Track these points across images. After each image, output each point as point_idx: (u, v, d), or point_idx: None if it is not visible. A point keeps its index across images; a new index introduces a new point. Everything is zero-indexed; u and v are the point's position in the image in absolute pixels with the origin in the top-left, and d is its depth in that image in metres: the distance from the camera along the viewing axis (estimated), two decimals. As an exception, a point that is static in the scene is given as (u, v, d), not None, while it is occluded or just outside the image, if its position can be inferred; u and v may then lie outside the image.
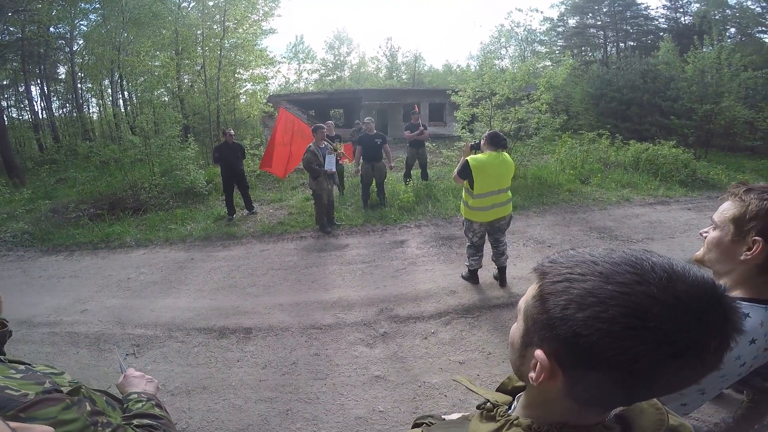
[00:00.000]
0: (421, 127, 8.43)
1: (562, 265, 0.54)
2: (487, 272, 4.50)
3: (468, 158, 3.86)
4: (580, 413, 0.57)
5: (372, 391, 2.91)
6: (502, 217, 4.07)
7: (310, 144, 6.18)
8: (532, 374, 0.55)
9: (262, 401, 2.88)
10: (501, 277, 4.38)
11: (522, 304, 0.61)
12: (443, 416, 1.11)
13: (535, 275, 0.58)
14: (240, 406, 2.84)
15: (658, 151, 9.63)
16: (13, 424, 0.62)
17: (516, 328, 0.63)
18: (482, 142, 4.04)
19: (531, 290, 0.59)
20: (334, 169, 6.32)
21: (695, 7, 23.63)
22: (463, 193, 4.13)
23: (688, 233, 5.89)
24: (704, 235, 1.16)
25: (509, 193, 4.07)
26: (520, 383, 0.78)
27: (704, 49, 13.51)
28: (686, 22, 24.07)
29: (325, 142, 6.34)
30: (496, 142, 3.90)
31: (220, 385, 3.07)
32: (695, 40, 13.77)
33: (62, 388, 0.83)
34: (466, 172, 3.84)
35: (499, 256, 4.26)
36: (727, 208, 1.09)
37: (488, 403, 0.70)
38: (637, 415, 0.59)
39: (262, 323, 3.93)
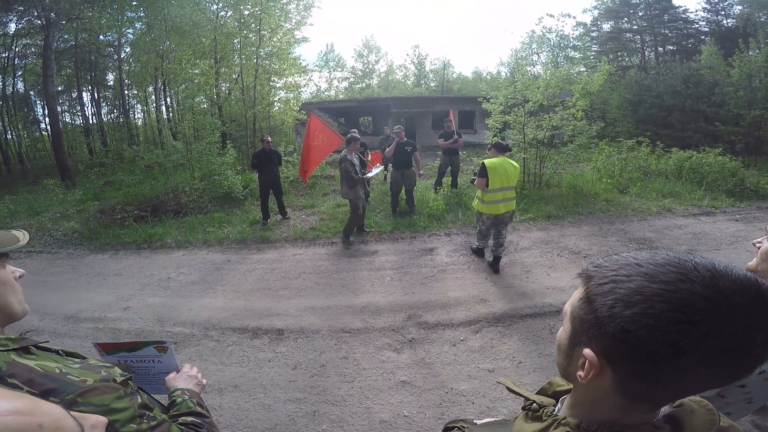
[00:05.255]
0: (456, 135, 8.40)
1: (607, 269, 0.56)
2: (508, 273, 4.43)
3: (484, 161, 4.80)
4: (629, 411, 0.58)
5: (398, 396, 2.93)
6: (508, 211, 4.92)
7: (345, 153, 6.08)
8: (581, 372, 0.57)
9: (290, 401, 2.94)
10: (494, 266, 5.04)
11: (568, 307, 0.63)
12: (475, 420, 1.12)
13: (579, 280, 0.60)
14: (269, 406, 2.92)
15: (703, 159, 9.22)
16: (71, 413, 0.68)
17: (563, 331, 0.64)
18: (490, 150, 5.08)
19: (577, 294, 0.61)
20: (370, 176, 6.40)
21: (737, 9, 22.53)
22: (478, 191, 4.98)
23: (736, 245, 5.59)
24: (757, 245, 1.14)
25: (515, 192, 4.99)
26: (562, 387, 0.79)
27: (750, 53, 12.85)
28: (729, 24, 22.97)
29: (357, 153, 6.31)
30: (501, 148, 4.96)
31: (251, 384, 3.16)
32: (740, 43, 13.14)
33: (117, 379, 0.88)
34: (483, 172, 4.74)
35: (498, 246, 5.00)
36: None
37: (534, 404, 0.71)
38: (687, 415, 0.59)
39: (293, 325, 4.02)
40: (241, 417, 2.82)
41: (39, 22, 15.44)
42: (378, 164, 6.31)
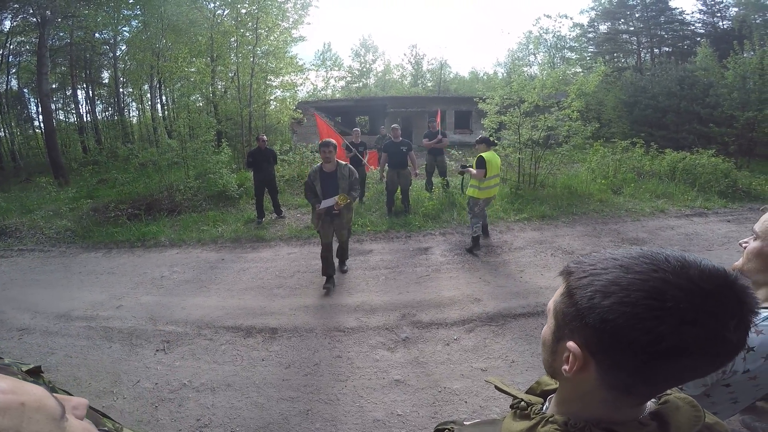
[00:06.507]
0: (440, 135, 8.40)
1: (586, 263, 0.59)
2: (502, 273, 4.44)
3: (482, 154, 5.52)
4: (615, 406, 0.59)
5: (391, 395, 2.93)
6: (495, 195, 6.05)
7: (315, 166, 4.63)
8: (566, 366, 0.58)
9: (283, 400, 2.94)
10: (485, 233, 6.27)
11: (551, 304, 0.65)
12: (465, 422, 1.12)
13: (561, 277, 0.63)
14: (262, 405, 2.91)
15: (696, 161, 9.30)
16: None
17: (547, 328, 0.66)
18: (480, 145, 5.75)
19: (559, 290, 0.63)
20: (327, 206, 4.47)
21: (733, 11, 22.75)
22: (473, 181, 5.65)
23: (727, 246, 5.64)
24: (744, 245, 1.15)
25: (499, 178, 6.09)
26: (550, 386, 0.79)
27: (745, 55, 12.97)
28: (724, 26, 23.18)
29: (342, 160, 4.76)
30: (490, 143, 5.81)
31: (244, 383, 3.15)
32: (735, 45, 13.26)
33: (23, 368, 0.88)
34: (482, 163, 5.45)
35: (485, 218, 6.21)
36: None
37: (522, 402, 0.72)
38: (672, 412, 0.60)
39: (287, 324, 4.01)
40: (234, 416, 2.81)
41: (34, 19, 15.33)
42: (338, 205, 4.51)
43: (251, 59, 12.95)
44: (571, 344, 0.57)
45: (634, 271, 0.52)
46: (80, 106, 21.00)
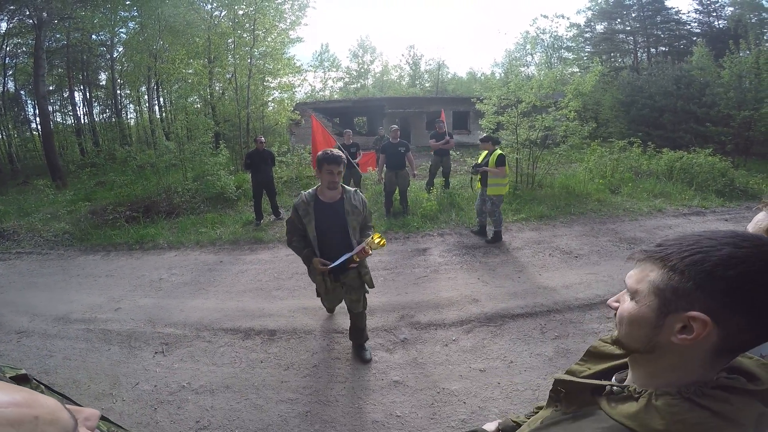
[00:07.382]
0: (447, 137, 8.42)
1: (682, 245, 0.64)
2: (500, 274, 4.45)
3: (501, 153, 5.68)
4: (711, 368, 0.64)
5: (390, 396, 2.93)
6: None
7: (306, 192, 2.97)
8: (684, 336, 0.62)
9: (282, 402, 2.94)
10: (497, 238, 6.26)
11: (642, 285, 0.68)
12: (484, 427, 1.13)
13: (646, 260, 0.68)
14: (261, 406, 2.91)
15: (693, 160, 9.34)
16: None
17: (641, 306, 0.68)
18: (487, 142, 5.98)
19: (651, 272, 0.67)
20: (337, 265, 2.95)
21: (729, 10, 22.88)
22: (496, 179, 5.71)
23: (724, 246, 5.66)
24: None
25: None
26: (585, 372, 0.82)
27: (741, 54, 13.05)
28: (720, 26, 23.32)
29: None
30: (496, 141, 6.10)
31: (243, 385, 3.15)
32: (731, 45, 13.33)
33: (7, 374, 0.89)
34: (503, 161, 5.64)
35: (485, 216, 6.32)
36: (762, 219, 1.09)
37: (613, 387, 0.73)
38: (745, 365, 0.66)
39: (286, 326, 4.01)
40: (233, 418, 2.82)
41: (31, 21, 15.31)
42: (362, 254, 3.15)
43: (249, 60, 12.97)
44: (697, 314, 0.60)
45: (744, 247, 0.60)
46: (77, 108, 20.99)
